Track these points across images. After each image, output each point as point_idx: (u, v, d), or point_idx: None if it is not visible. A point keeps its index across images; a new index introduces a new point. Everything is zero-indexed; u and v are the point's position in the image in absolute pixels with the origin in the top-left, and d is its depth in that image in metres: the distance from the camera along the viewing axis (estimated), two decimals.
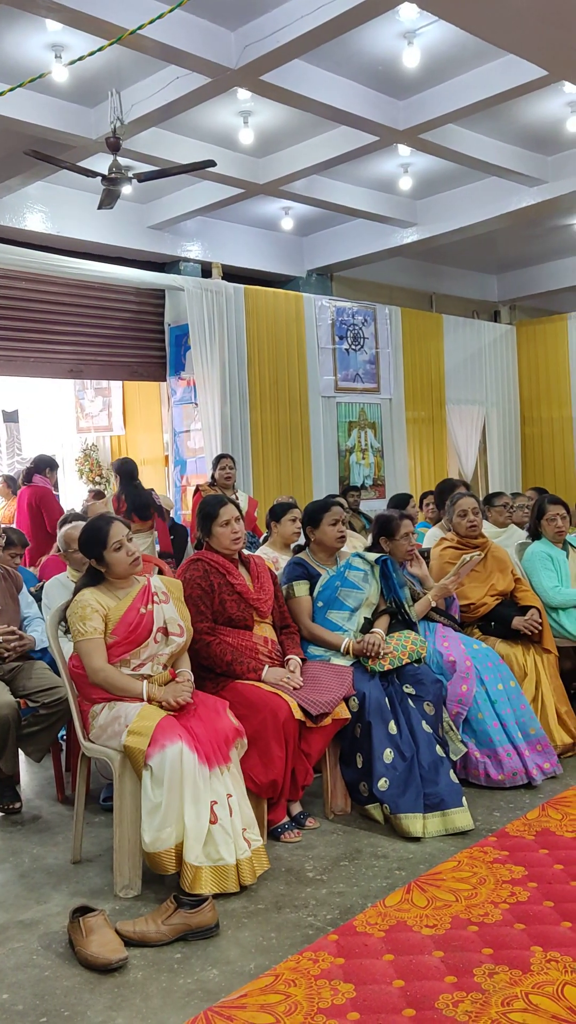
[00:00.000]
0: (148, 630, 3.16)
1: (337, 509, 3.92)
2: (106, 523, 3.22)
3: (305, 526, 3.98)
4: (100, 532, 3.19)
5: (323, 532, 3.90)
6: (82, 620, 3.11)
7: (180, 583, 3.39)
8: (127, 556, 3.20)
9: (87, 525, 3.31)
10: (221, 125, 7.10)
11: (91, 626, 3.10)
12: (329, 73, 6.34)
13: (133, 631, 3.14)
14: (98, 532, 3.20)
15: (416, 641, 3.78)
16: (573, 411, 11.46)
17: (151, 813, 2.83)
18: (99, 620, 3.12)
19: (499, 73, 6.28)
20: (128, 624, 3.14)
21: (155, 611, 3.20)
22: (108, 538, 3.18)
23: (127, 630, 3.13)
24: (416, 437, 10.47)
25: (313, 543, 3.96)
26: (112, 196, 6.37)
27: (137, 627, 3.15)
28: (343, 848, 3.26)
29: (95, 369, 8.55)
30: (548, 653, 4.26)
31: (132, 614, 3.16)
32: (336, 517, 3.89)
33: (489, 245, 10.59)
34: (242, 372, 8.52)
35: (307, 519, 3.96)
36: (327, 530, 3.89)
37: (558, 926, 2.61)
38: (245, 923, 2.74)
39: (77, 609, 3.15)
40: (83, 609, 3.13)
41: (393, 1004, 2.27)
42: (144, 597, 3.20)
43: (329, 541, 3.90)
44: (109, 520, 3.24)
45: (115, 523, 3.22)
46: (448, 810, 3.33)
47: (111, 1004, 2.36)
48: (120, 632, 3.13)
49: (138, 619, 3.16)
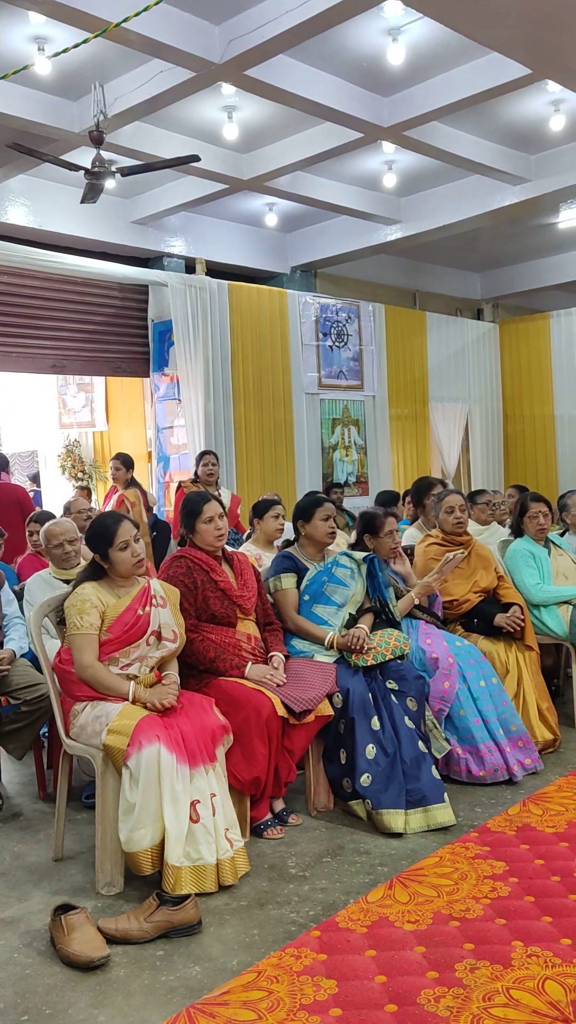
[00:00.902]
0: (142, 631, 3.16)
1: (329, 506, 3.97)
2: (115, 521, 3.21)
3: (296, 520, 3.99)
4: (108, 530, 3.19)
5: (314, 527, 3.91)
6: (80, 614, 3.11)
7: (177, 591, 3.40)
8: (132, 556, 3.19)
9: (95, 521, 3.30)
10: (205, 120, 7.07)
11: (88, 621, 3.10)
12: (314, 69, 6.33)
13: (128, 630, 3.13)
14: (106, 530, 3.19)
15: (399, 638, 3.79)
16: (555, 409, 11.52)
17: (126, 813, 2.83)
18: (96, 616, 3.12)
19: (483, 71, 6.29)
20: (125, 624, 3.14)
21: (152, 614, 3.19)
22: (115, 536, 3.17)
23: (123, 629, 3.13)
24: (399, 434, 10.49)
25: (303, 537, 3.97)
26: (95, 190, 6.34)
27: (133, 627, 3.14)
28: (326, 844, 3.27)
29: (78, 365, 8.50)
30: (530, 650, 4.28)
31: (130, 614, 3.15)
32: (328, 513, 3.92)
33: (472, 243, 10.62)
34: (226, 368, 8.50)
35: (299, 513, 3.98)
36: (318, 525, 3.90)
37: (539, 921, 2.63)
38: (228, 920, 2.74)
39: (76, 602, 3.14)
40: (83, 603, 3.12)
41: (375, 1000, 2.27)
42: (143, 598, 3.20)
43: (320, 536, 3.92)
44: (118, 518, 3.24)
45: (124, 522, 3.22)
46: (430, 806, 3.35)
47: (93, 1002, 2.35)
48: (115, 630, 3.12)
49: (135, 619, 3.15)
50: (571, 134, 7.66)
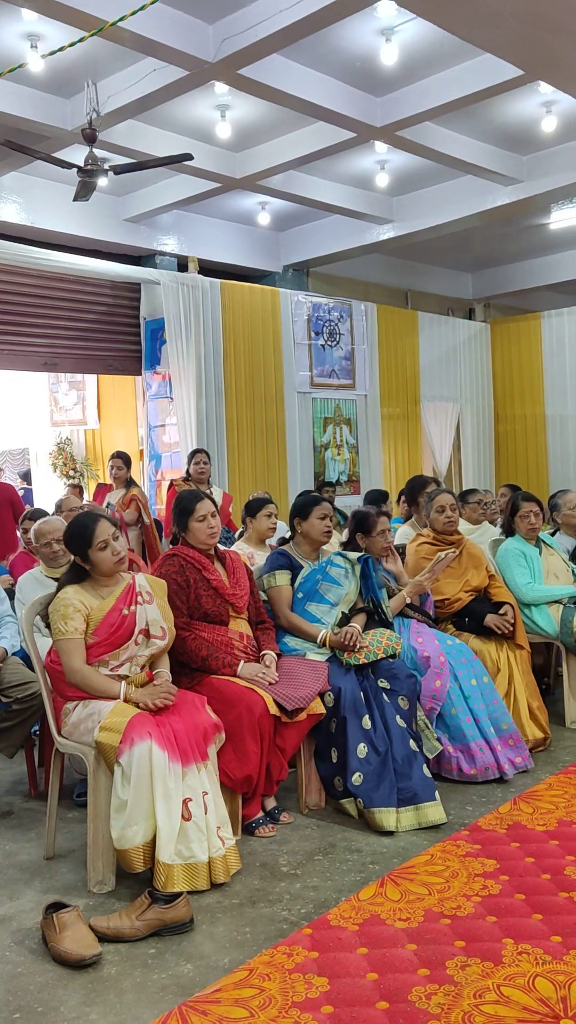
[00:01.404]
0: (130, 631, 3.14)
1: (326, 505, 3.97)
2: (92, 521, 3.17)
3: (293, 518, 4.00)
4: (86, 530, 3.15)
5: (311, 525, 3.92)
6: (63, 619, 3.08)
7: (164, 583, 3.37)
8: (112, 555, 3.16)
9: (73, 521, 3.26)
10: (198, 119, 7.07)
11: (72, 626, 3.07)
12: (307, 68, 6.33)
13: (115, 632, 3.11)
14: (84, 530, 3.15)
15: (391, 637, 3.80)
16: (546, 409, 11.56)
17: (118, 810, 2.83)
18: (80, 620, 3.09)
19: (476, 72, 6.31)
20: (110, 625, 3.11)
21: (138, 612, 3.17)
22: (93, 537, 3.13)
23: (109, 631, 3.11)
24: (391, 433, 10.51)
25: (299, 535, 3.98)
26: (88, 188, 6.32)
27: (119, 628, 3.12)
28: (317, 842, 3.28)
29: (69, 362, 8.49)
30: (521, 649, 4.30)
31: (115, 615, 3.13)
32: (325, 512, 3.93)
33: (464, 243, 10.64)
34: (218, 367, 8.50)
35: (296, 511, 3.99)
36: (315, 523, 3.91)
37: (529, 918, 2.64)
38: (219, 918, 2.75)
39: (59, 607, 3.11)
40: (65, 608, 3.09)
41: (367, 997, 2.28)
42: (128, 597, 3.18)
43: (316, 535, 3.93)
44: (95, 518, 3.19)
45: (101, 521, 3.17)
46: (421, 804, 3.36)
47: (85, 1000, 2.36)
48: (101, 633, 3.10)
49: (120, 620, 3.13)
50: (563, 135, 7.69)
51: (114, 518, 6.56)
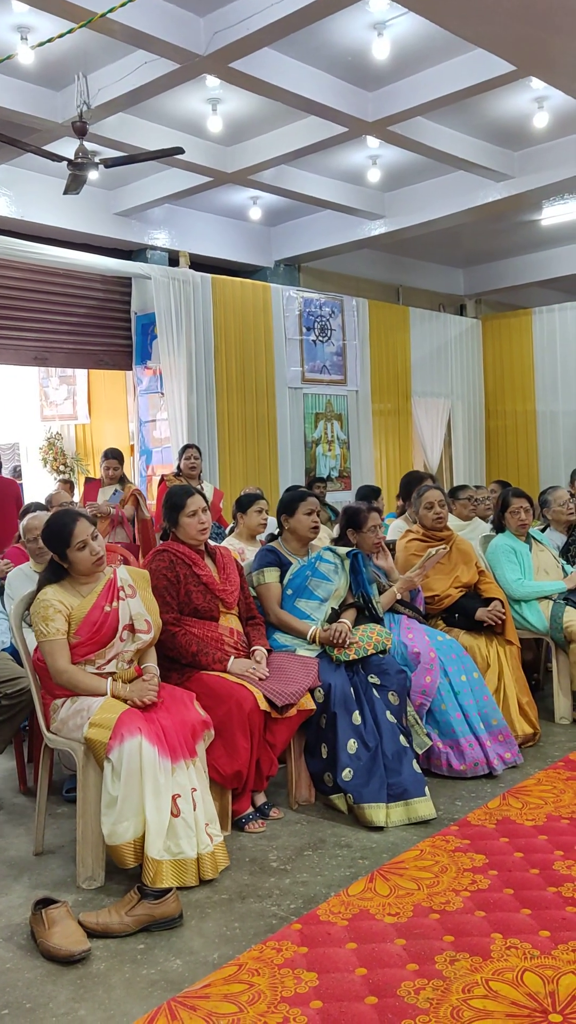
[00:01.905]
0: (113, 629, 3.10)
1: (313, 500, 3.96)
2: (71, 520, 3.11)
3: (280, 515, 3.99)
4: (64, 529, 3.09)
5: (298, 521, 3.91)
6: (44, 621, 3.05)
7: (147, 573, 3.35)
8: (91, 555, 3.10)
9: (50, 519, 3.20)
10: (189, 112, 7.04)
11: (53, 627, 3.04)
12: (299, 62, 6.32)
13: (97, 631, 3.08)
14: (62, 529, 3.09)
15: (381, 632, 3.80)
16: (536, 405, 11.59)
17: (109, 806, 2.82)
18: (62, 620, 3.06)
19: (468, 67, 6.31)
20: (92, 623, 3.08)
21: (120, 608, 3.13)
22: (72, 537, 3.07)
23: (91, 630, 3.07)
24: (382, 429, 10.51)
25: (287, 532, 3.98)
26: (78, 181, 6.30)
27: (102, 626, 3.08)
28: (307, 838, 3.28)
29: (60, 357, 8.45)
30: (511, 645, 4.31)
31: (96, 613, 3.09)
32: (311, 507, 3.92)
33: (456, 239, 10.65)
34: (209, 362, 8.48)
35: (282, 508, 3.98)
36: (302, 519, 3.91)
37: (518, 913, 2.65)
38: (209, 913, 2.74)
39: (39, 609, 3.07)
40: (45, 609, 3.06)
41: (356, 992, 2.29)
42: (109, 593, 3.14)
43: (303, 531, 3.92)
44: (74, 517, 3.13)
45: (80, 520, 3.11)
46: (411, 800, 3.36)
47: (74, 996, 2.35)
48: (84, 632, 3.06)
49: (102, 618, 3.09)
50: (555, 131, 7.70)
51: (106, 515, 6.57)
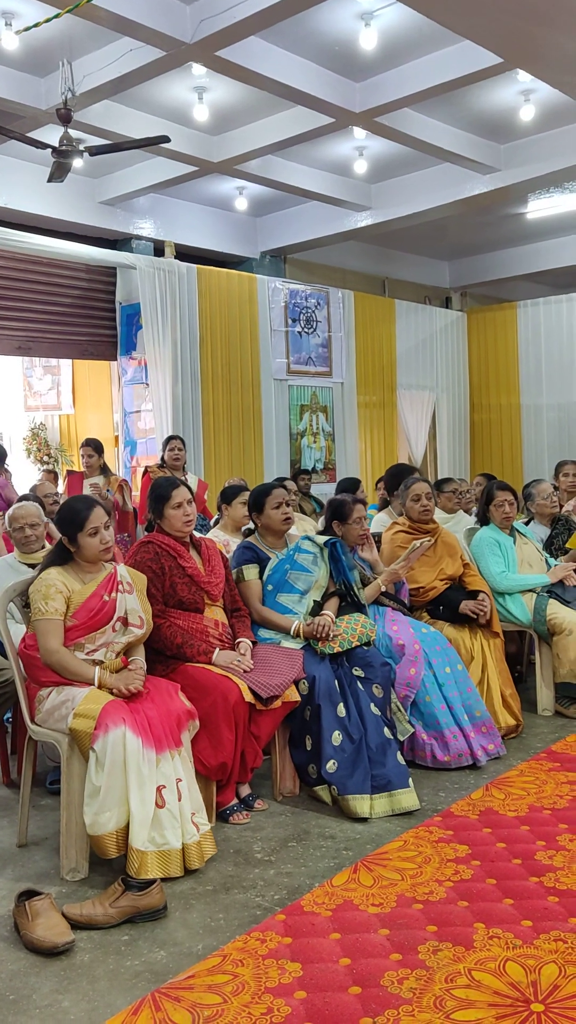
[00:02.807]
0: (108, 617, 3.14)
1: (279, 492, 3.90)
2: (87, 506, 3.17)
3: (251, 512, 3.98)
4: (79, 515, 3.15)
5: (268, 517, 3.89)
6: (44, 599, 3.07)
7: (144, 577, 3.37)
8: (100, 543, 3.16)
9: (67, 503, 3.26)
10: (175, 100, 6.99)
11: (52, 606, 3.07)
12: (285, 52, 6.28)
13: (93, 616, 3.11)
14: (77, 514, 3.15)
15: (366, 624, 3.81)
16: (521, 399, 11.62)
17: (91, 796, 2.82)
18: (61, 602, 3.09)
19: (455, 59, 6.29)
20: (90, 610, 3.11)
21: (118, 600, 3.17)
22: (86, 522, 3.13)
23: (88, 615, 3.10)
24: (367, 421, 10.51)
25: (261, 528, 3.96)
26: (63, 169, 6.24)
27: (98, 613, 3.12)
28: (291, 829, 3.29)
29: (44, 347, 8.39)
30: (495, 637, 4.33)
31: (95, 600, 3.13)
32: (279, 500, 3.88)
33: (442, 231, 10.65)
34: (194, 353, 8.45)
35: (251, 505, 3.96)
36: (271, 514, 3.89)
37: (500, 903, 2.67)
38: (193, 904, 2.75)
39: (41, 587, 3.11)
40: (47, 588, 3.09)
41: (339, 982, 2.30)
42: (109, 584, 3.18)
43: (275, 525, 3.90)
44: (91, 503, 3.20)
45: (96, 508, 3.18)
46: (395, 791, 3.38)
47: (57, 987, 2.35)
48: (81, 616, 3.10)
49: (100, 605, 3.13)
50: (541, 124, 7.70)
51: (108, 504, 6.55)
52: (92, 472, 6.91)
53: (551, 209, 9.93)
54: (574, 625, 4.44)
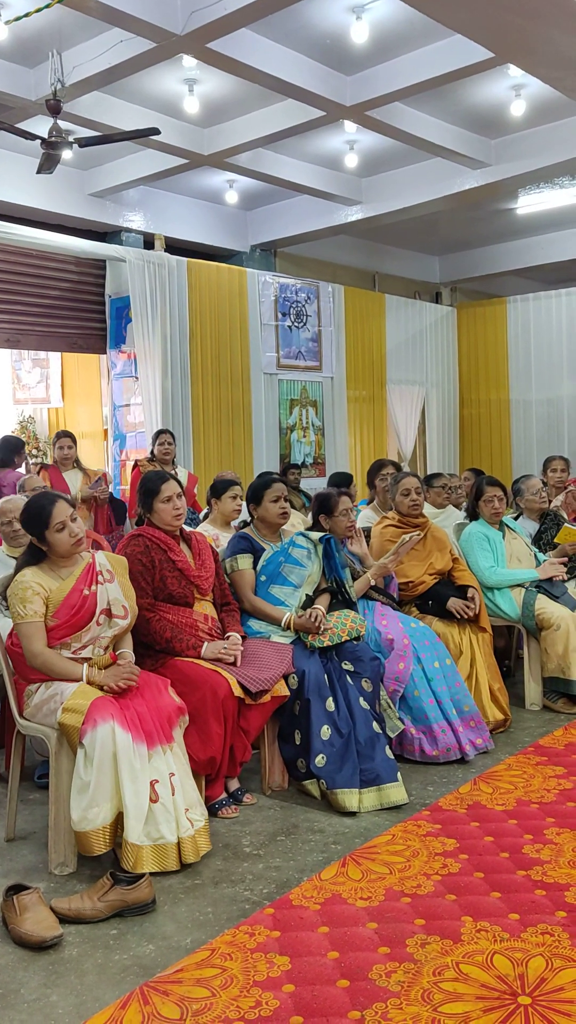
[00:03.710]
0: (91, 612, 3.10)
1: (279, 486, 3.94)
2: (49, 502, 3.11)
3: (248, 503, 3.99)
4: (43, 511, 3.08)
5: (265, 509, 3.91)
6: (22, 602, 3.03)
7: (125, 560, 3.33)
8: (69, 537, 3.10)
9: (29, 502, 3.19)
10: (166, 92, 6.96)
11: (31, 609, 3.02)
12: (277, 44, 6.25)
13: (75, 614, 3.07)
14: (40, 511, 3.09)
15: (355, 619, 3.82)
16: (510, 394, 11.65)
17: (79, 792, 2.81)
18: (40, 603, 3.04)
19: (446, 53, 6.28)
20: (71, 607, 3.07)
21: (99, 592, 3.13)
22: (51, 518, 3.07)
23: (69, 613, 3.06)
24: (357, 416, 10.51)
25: (257, 520, 3.97)
26: (52, 160, 6.19)
27: (80, 609, 3.08)
28: (280, 823, 3.29)
29: (33, 339, 8.34)
30: (483, 632, 4.34)
31: (75, 596, 3.08)
32: (277, 494, 3.91)
33: (432, 226, 10.64)
34: (184, 346, 8.42)
35: (250, 497, 3.97)
36: (269, 507, 3.90)
37: (488, 896, 2.68)
38: (182, 898, 2.75)
39: (17, 591, 3.06)
40: (23, 591, 3.04)
41: (327, 975, 2.30)
42: (88, 577, 3.13)
43: (271, 518, 3.92)
44: (53, 499, 3.13)
45: (59, 502, 3.11)
46: (383, 785, 3.39)
47: (45, 981, 2.35)
48: (62, 615, 3.06)
49: (81, 601, 3.08)
50: (531, 120, 7.69)
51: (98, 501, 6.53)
52: (67, 465, 6.85)
53: (541, 204, 9.93)
54: (562, 620, 4.46)
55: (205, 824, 2.97)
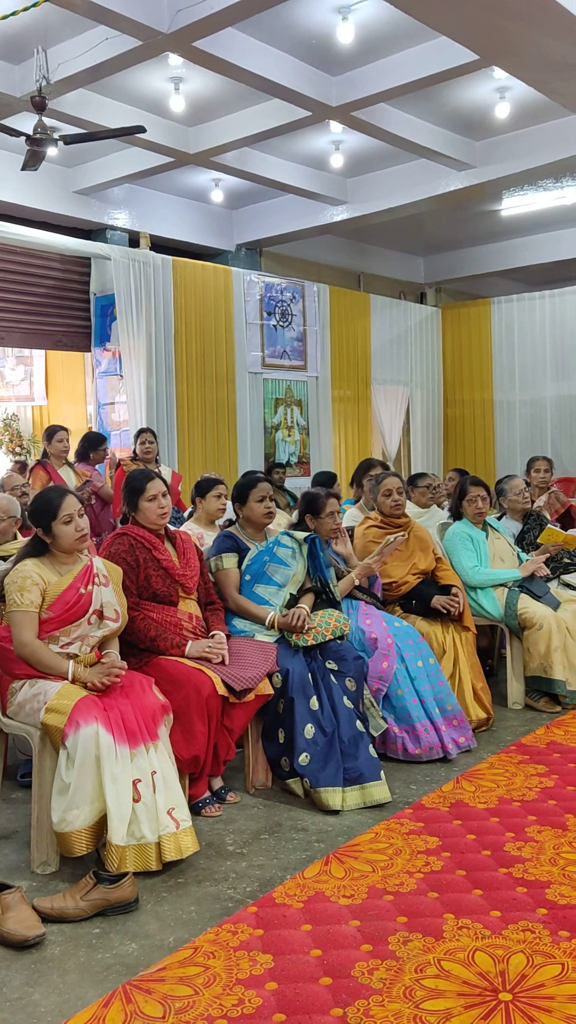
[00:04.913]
0: (84, 610, 3.12)
1: (264, 485, 3.95)
2: (59, 495, 3.17)
3: (234, 503, 3.99)
4: (51, 504, 3.14)
5: (250, 509, 3.92)
6: (20, 591, 3.06)
7: (120, 570, 3.37)
8: (75, 531, 3.15)
9: (40, 494, 3.25)
10: (151, 90, 6.94)
11: (28, 598, 3.05)
12: (263, 44, 6.26)
13: (69, 609, 3.10)
14: (49, 503, 3.15)
15: (339, 618, 3.83)
16: (494, 395, 11.70)
17: (60, 793, 2.81)
18: (37, 594, 3.07)
19: (432, 55, 6.31)
20: (66, 602, 3.10)
21: (94, 593, 3.17)
22: (59, 510, 3.13)
23: (64, 608, 3.09)
24: (341, 415, 10.53)
25: (242, 519, 3.98)
26: (36, 157, 6.17)
27: (74, 606, 3.11)
28: (263, 822, 3.30)
29: (17, 337, 8.30)
30: (466, 631, 4.37)
31: (71, 593, 3.11)
32: (263, 493, 3.92)
33: (417, 227, 10.67)
34: (169, 345, 8.41)
35: (235, 496, 3.98)
36: (254, 507, 3.91)
37: (469, 894, 2.70)
38: (165, 897, 2.75)
39: (17, 579, 3.09)
40: (23, 580, 3.08)
41: (310, 973, 2.31)
42: (85, 577, 3.17)
43: (256, 517, 3.92)
44: (63, 492, 3.20)
45: (68, 496, 3.18)
46: (367, 784, 3.40)
47: (28, 980, 2.34)
48: (56, 609, 3.08)
49: (76, 598, 3.12)
50: (516, 122, 7.74)
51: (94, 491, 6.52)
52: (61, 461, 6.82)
53: (525, 206, 9.98)
54: (544, 620, 4.49)
55: (190, 826, 2.94)
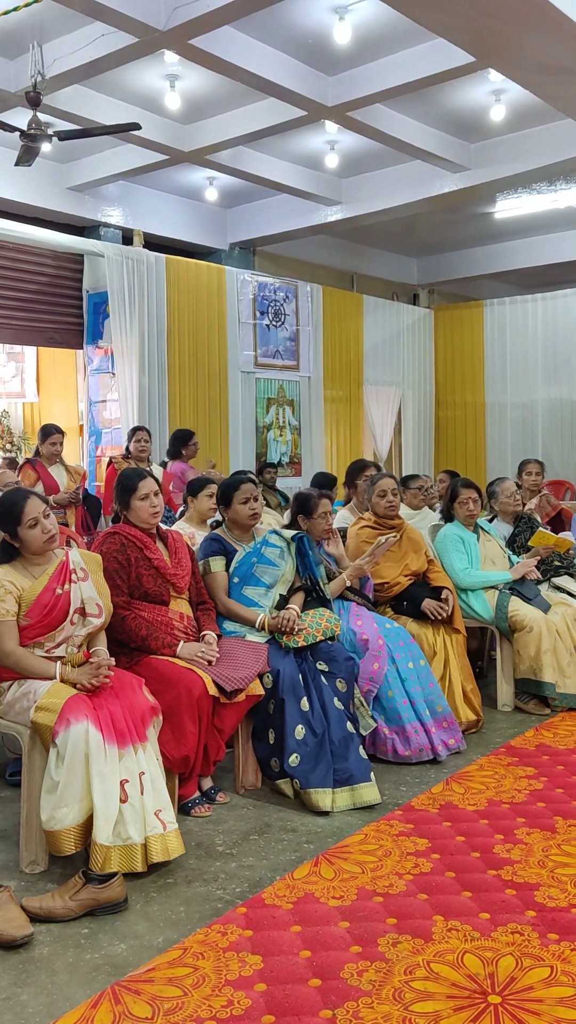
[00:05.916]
0: (64, 612, 3.07)
1: (247, 487, 3.90)
2: (21, 498, 3.08)
3: (219, 505, 3.98)
4: (15, 507, 3.05)
5: (235, 511, 3.90)
6: None
7: (99, 557, 3.32)
8: (42, 533, 3.07)
9: (2, 499, 3.15)
10: (147, 88, 6.93)
11: (3, 608, 2.99)
12: (259, 43, 6.25)
13: (48, 614, 3.04)
14: (12, 507, 3.06)
15: (330, 619, 3.82)
16: (486, 397, 11.73)
17: (49, 791, 2.80)
18: (12, 602, 3.02)
19: (428, 56, 6.31)
20: (43, 606, 3.04)
21: (72, 591, 3.10)
22: (23, 514, 3.04)
23: (41, 613, 3.04)
24: (333, 416, 10.54)
25: (228, 521, 3.96)
26: (31, 153, 6.15)
27: (52, 609, 3.05)
28: (253, 822, 3.29)
29: (8, 333, 8.28)
30: (457, 633, 4.37)
31: (47, 595, 3.05)
32: (247, 495, 3.88)
33: (411, 228, 10.69)
34: (161, 343, 8.39)
35: (219, 498, 3.96)
36: (238, 508, 3.89)
37: (459, 896, 2.70)
38: (154, 897, 2.74)
39: None
40: None
41: (299, 974, 2.31)
42: (61, 575, 3.11)
43: (242, 519, 3.91)
44: (25, 495, 3.10)
45: (31, 498, 3.08)
46: (356, 785, 3.40)
47: (16, 980, 2.33)
48: (34, 615, 3.03)
49: (53, 600, 3.06)
50: (511, 125, 7.75)
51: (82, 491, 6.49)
52: (52, 461, 6.79)
53: (519, 209, 10.01)
54: (534, 622, 4.50)
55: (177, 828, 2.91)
